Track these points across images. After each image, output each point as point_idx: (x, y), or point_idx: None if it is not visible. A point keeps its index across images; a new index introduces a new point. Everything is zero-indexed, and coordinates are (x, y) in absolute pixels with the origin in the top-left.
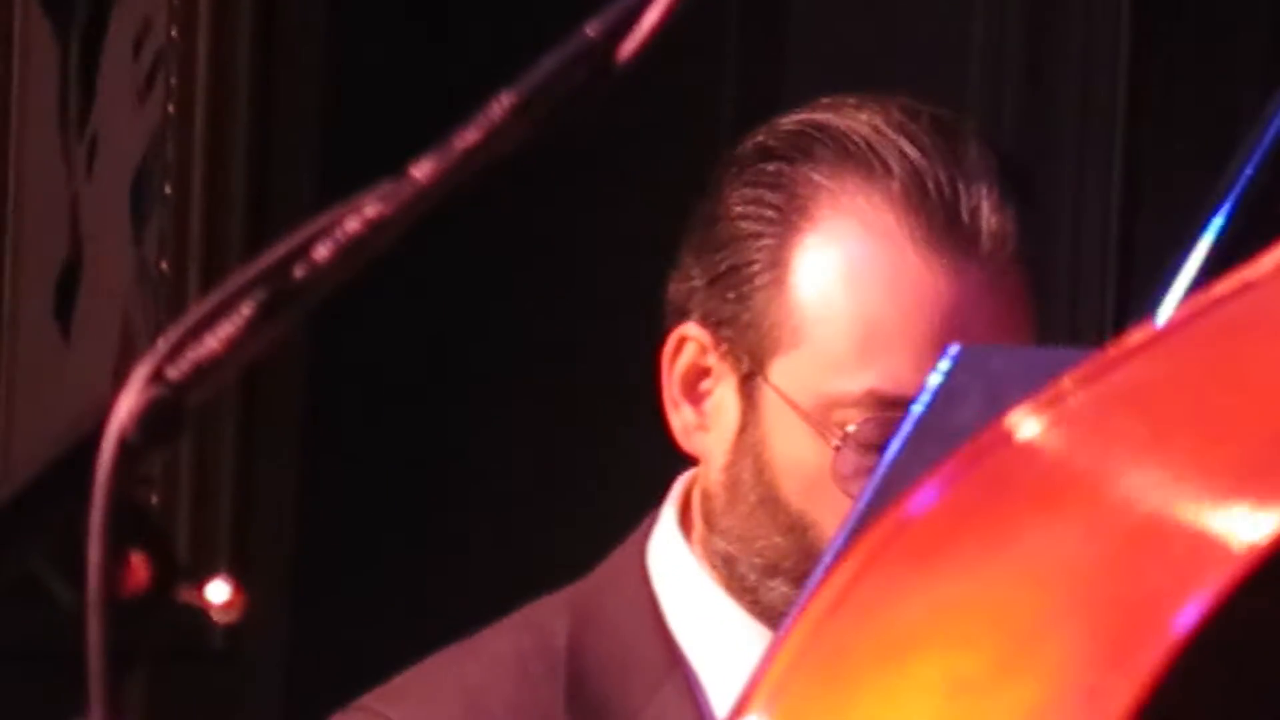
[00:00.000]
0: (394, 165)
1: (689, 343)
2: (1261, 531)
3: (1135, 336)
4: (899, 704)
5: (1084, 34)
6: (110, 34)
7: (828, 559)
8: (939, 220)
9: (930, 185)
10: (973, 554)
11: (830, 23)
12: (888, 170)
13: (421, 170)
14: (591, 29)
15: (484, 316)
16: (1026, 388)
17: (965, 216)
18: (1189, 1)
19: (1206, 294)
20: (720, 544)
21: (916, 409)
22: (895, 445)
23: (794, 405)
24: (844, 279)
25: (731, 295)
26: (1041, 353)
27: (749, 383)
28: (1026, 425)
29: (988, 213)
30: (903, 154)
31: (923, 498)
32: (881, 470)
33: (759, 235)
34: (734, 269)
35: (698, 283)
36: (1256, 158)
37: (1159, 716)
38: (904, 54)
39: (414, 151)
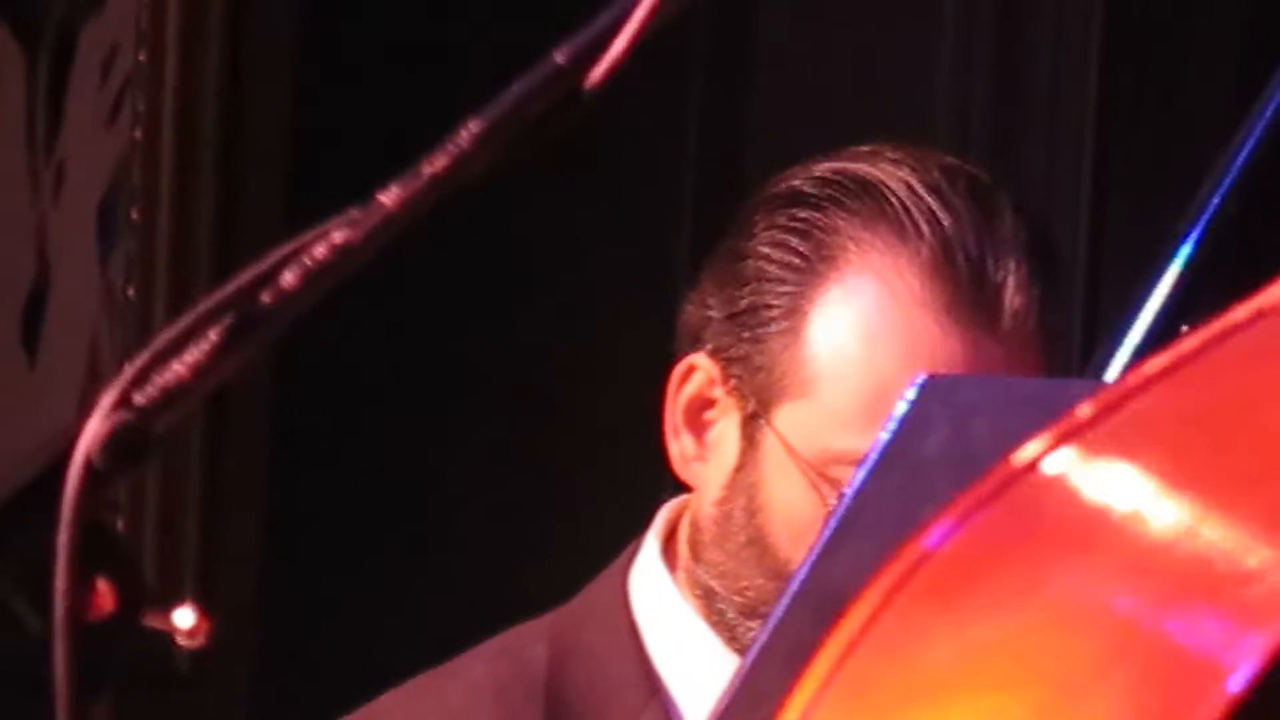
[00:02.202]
0: (362, 192)
1: (697, 372)
2: None
3: (1151, 365)
4: None
5: (1049, 91)
6: (78, 57)
7: (791, 588)
8: (963, 292)
9: (960, 255)
10: (1005, 592)
11: (797, 57)
12: (919, 233)
13: (389, 197)
14: (559, 55)
15: (454, 346)
16: (994, 417)
17: (990, 291)
18: (1156, 36)
19: (1221, 321)
20: (703, 576)
21: (882, 437)
22: (861, 474)
23: (795, 454)
24: (861, 337)
25: (747, 334)
26: (1008, 382)
27: (752, 423)
28: (1049, 458)
29: (1013, 290)
30: (935, 218)
31: (940, 531)
32: (847, 498)
33: (782, 280)
34: (753, 309)
35: (714, 314)
36: (1223, 188)
37: None
38: (870, 84)
39: (382, 178)
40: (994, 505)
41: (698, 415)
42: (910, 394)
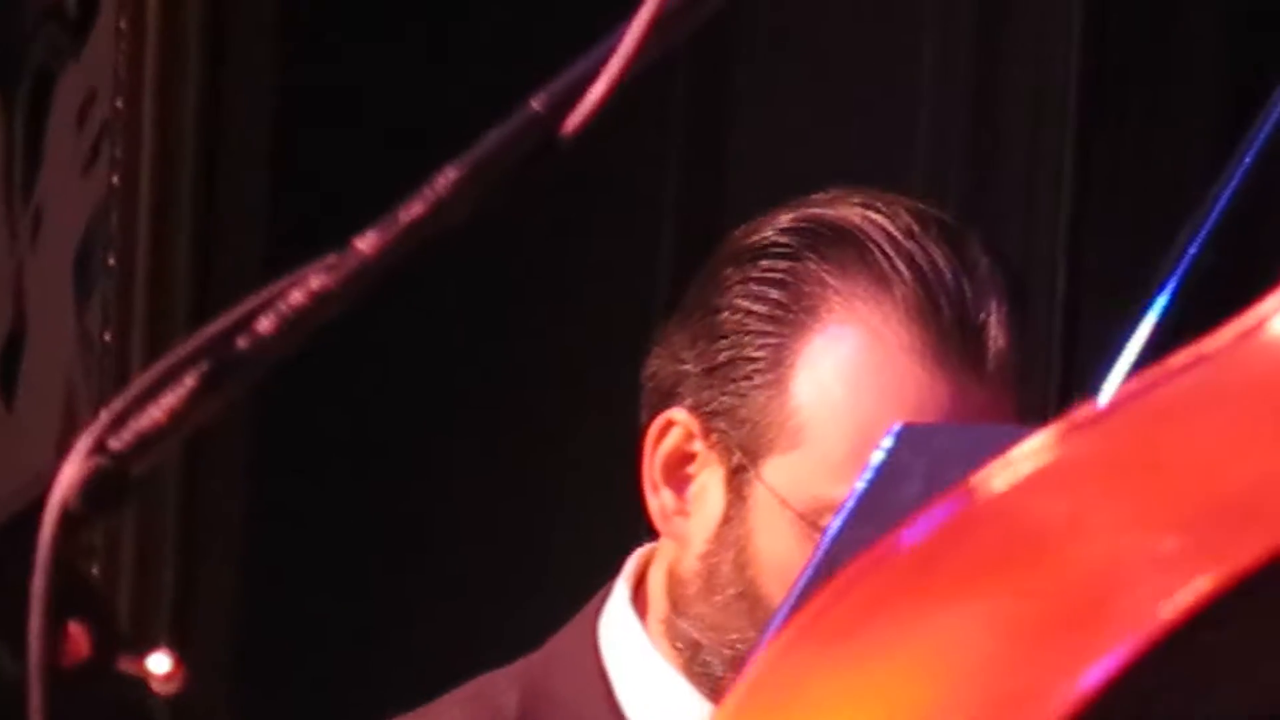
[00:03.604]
0: (340, 238)
1: (675, 427)
2: (1178, 605)
3: (1085, 410)
4: None
5: (1030, 129)
6: (56, 103)
7: (779, 619)
8: (948, 336)
9: (942, 299)
10: (943, 594)
11: (773, 116)
12: (900, 279)
13: (366, 243)
14: (537, 102)
15: (431, 390)
16: (967, 466)
17: (973, 334)
18: (1134, 91)
19: (1161, 367)
20: (686, 629)
21: (859, 485)
22: (838, 521)
23: (787, 505)
24: (847, 386)
25: (728, 388)
26: (983, 430)
27: (738, 476)
28: (985, 488)
29: (995, 331)
30: (915, 263)
31: (903, 538)
32: (824, 545)
33: (762, 332)
34: (733, 362)
35: (690, 368)
36: (1201, 238)
37: None
38: (846, 141)
39: (361, 223)
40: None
41: (677, 470)
42: (886, 443)
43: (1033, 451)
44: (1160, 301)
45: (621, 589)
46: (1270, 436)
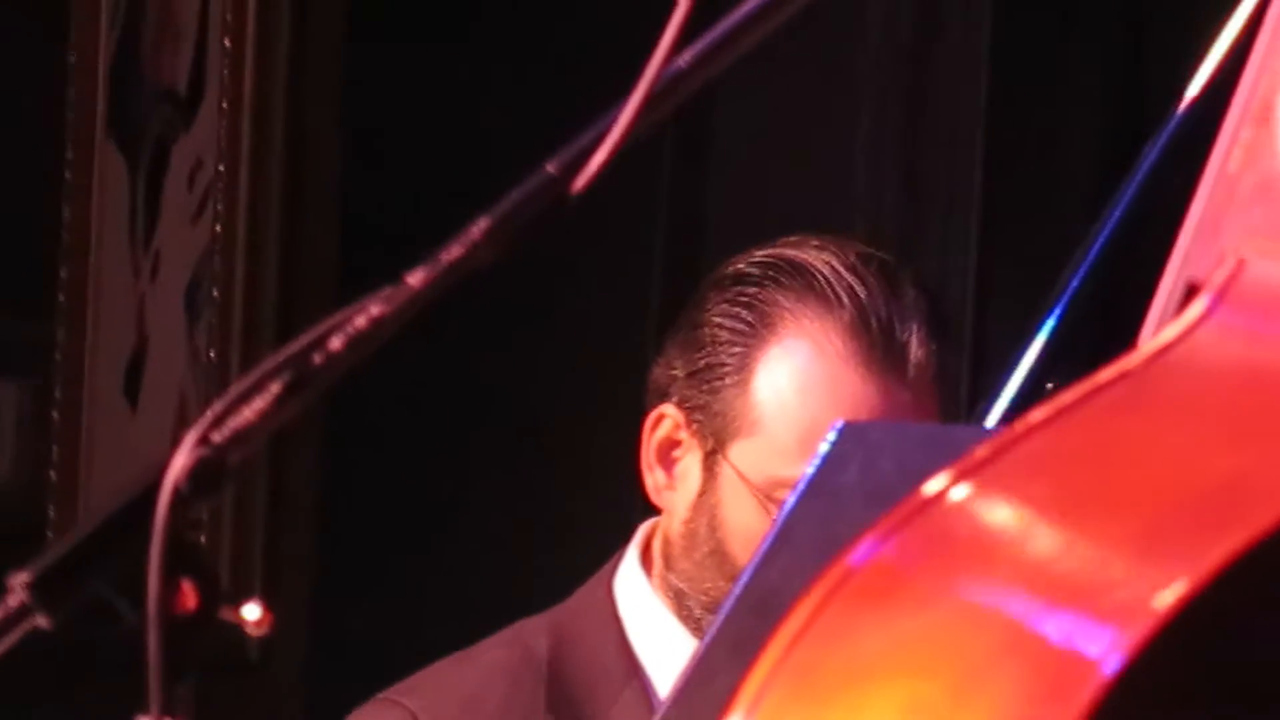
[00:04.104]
0: (395, 274)
1: (666, 419)
2: (1169, 598)
3: (1035, 415)
4: (875, 714)
5: (947, 182)
6: (170, 169)
7: (735, 591)
8: (877, 349)
9: (873, 320)
10: (919, 598)
11: (745, 169)
12: (840, 304)
13: (415, 278)
14: (551, 166)
15: (473, 398)
16: (896, 455)
17: (898, 348)
18: (1027, 155)
19: (1092, 380)
20: (674, 581)
21: (808, 471)
22: (791, 499)
23: (746, 481)
24: (796, 387)
25: (705, 388)
26: (908, 427)
27: (711, 458)
28: (953, 490)
29: (915, 346)
30: (854, 292)
31: (863, 550)
32: (779, 520)
33: (732, 343)
34: (709, 367)
35: (678, 373)
36: (1081, 271)
37: None
38: (803, 188)
39: (412, 262)
40: (909, 528)
41: (667, 454)
42: (831, 436)
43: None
44: (1048, 324)
45: (632, 552)
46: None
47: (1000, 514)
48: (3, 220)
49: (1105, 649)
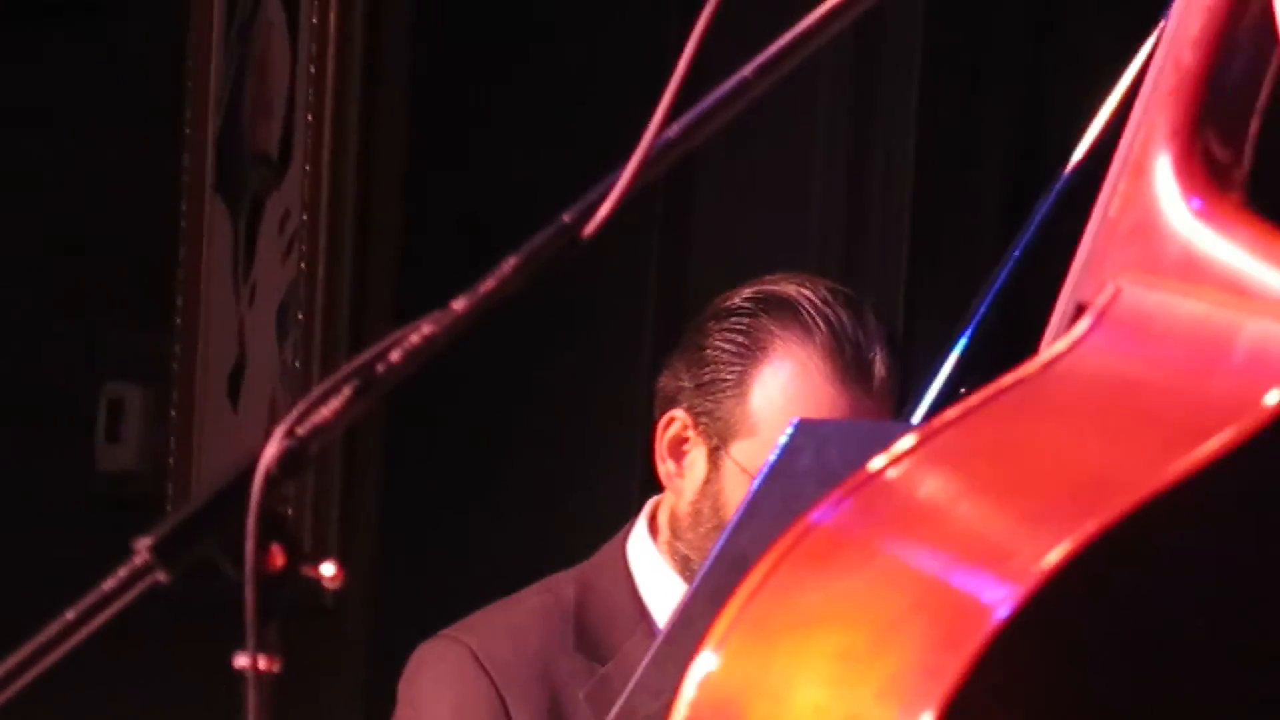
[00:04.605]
0: (444, 300)
1: (676, 421)
2: (1053, 559)
3: (949, 413)
4: (804, 660)
5: (882, 223)
6: (264, 218)
7: (714, 552)
8: (849, 367)
9: (846, 344)
10: (855, 559)
11: (722, 224)
12: (819, 330)
13: (458, 304)
14: (566, 216)
15: (512, 398)
16: (841, 446)
17: (865, 366)
18: (947, 202)
19: (995, 384)
20: (681, 548)
21: (771, 458)
22: (757, 480)
23: (745, 471)
24: (785, 398)
25: (710, 398)
26: (851, 424)
27: (715, 453)
28: (889, 469)
29: (879, 365)
30: (829, 320)
31: (823, 509)
32: (748, 497)
33: (731, 363)
34: (713, 381)
35: (685, 384)
36: (990, 296)
37: (977, 688)
38: (767, 232)
39: (458, 290)
40: (848, 502)
41: (677, 449)
42: (789, 431)
43: (929, 435)
44: (962, 340)
45: (641, 522)
46: (1094, 436)
47: (920, 492)
48: (132, 257)
49: (997, 601)
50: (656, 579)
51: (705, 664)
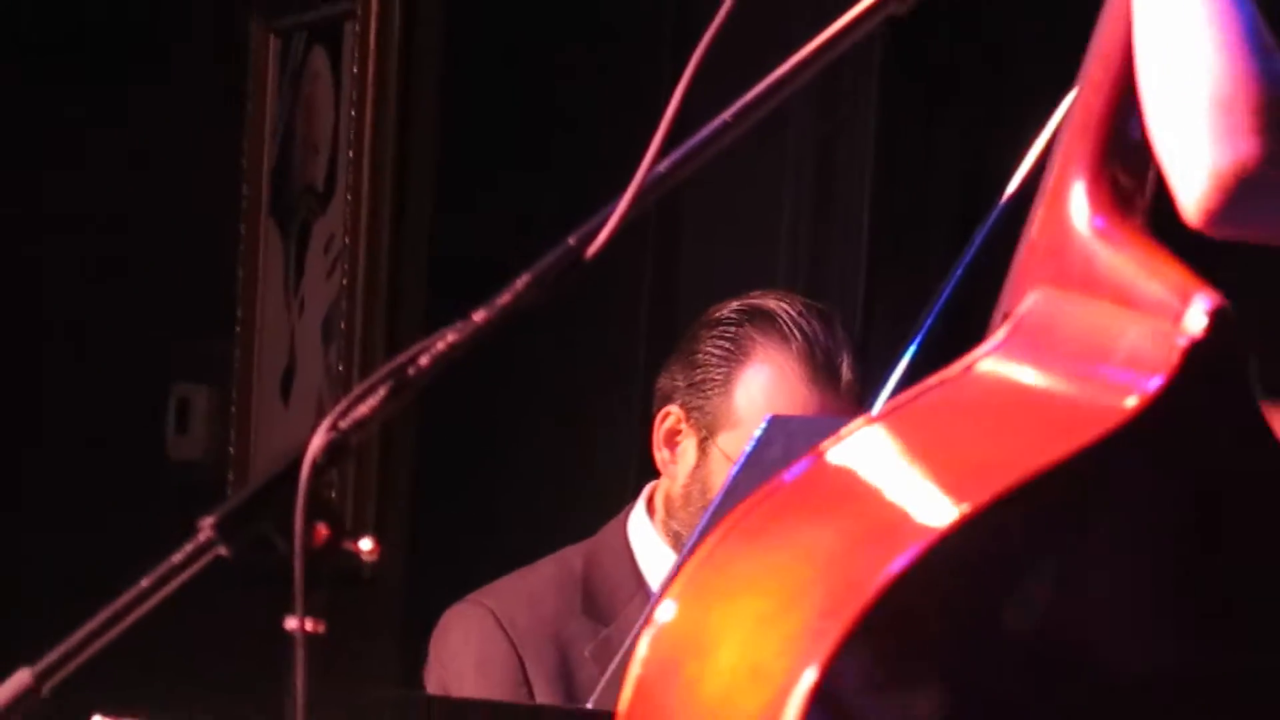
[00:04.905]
0: (466, 312)
1: (670, 415)
2: (945, 519)
3: (882, 409)
4: (732, 623)
5: (843, 240)
6: (312, 241)
7: (699, 528)
8: (820, 371)
9: (818, 350)
10: (782, 535)
11: (705, 245)
12: (795, 338)
13: (478, 315)
14: (572, 239)
15: (527, 392)
16: (806, 438)
17: (834, 370)
18: (901, 220)
19: (924, 383)
20: (674, 526)
21: (747, 448)
22: (735, 468)
23: (729, 459)
24: (764, 396)
25: (700, 395)
26: (815, 420)
27: (704, 443)
28: (829, 453)
29: (846, 370)
30: (804, 330)
31: (759, 495)
32: (728, 481)
33: (719, 365)
34: (703, 380)
35: (680, 383)
36: (932, 314)
37: (857, 647)
38: (746, 258)
39: (483, 301)
40: (793, 480)
41: (671, 439)
42: (762, 425)
43: (857, 430)
44: (911, 348)
45: (640, 503)
46: (989, 430)
47: (846, 478)
48: (198, 275)
49: (884, 569)
50: (653, 552)
51: (657, 626)
